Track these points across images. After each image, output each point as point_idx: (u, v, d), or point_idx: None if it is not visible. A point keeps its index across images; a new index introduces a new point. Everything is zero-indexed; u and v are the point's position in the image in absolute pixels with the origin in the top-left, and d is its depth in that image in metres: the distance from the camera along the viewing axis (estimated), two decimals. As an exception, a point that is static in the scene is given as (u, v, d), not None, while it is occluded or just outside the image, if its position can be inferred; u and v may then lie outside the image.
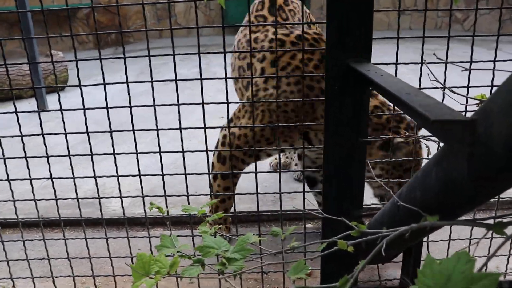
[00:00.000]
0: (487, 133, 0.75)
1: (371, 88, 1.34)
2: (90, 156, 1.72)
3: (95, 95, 2.52)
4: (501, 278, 1.88)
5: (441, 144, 1.11)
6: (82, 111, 1.66)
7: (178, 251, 1.23)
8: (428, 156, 1.77)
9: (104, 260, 2.11)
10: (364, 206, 1.66)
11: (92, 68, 4.99)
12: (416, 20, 9.90)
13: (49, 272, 1.92)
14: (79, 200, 1.83)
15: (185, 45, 6.47)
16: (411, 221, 0.99)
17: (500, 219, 0.87)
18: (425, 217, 0.97)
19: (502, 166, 0.75)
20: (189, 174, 1.71)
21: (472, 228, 2.06)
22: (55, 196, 1.82)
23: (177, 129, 1.65)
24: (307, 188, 2.52)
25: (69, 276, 1.92)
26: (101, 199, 1.84)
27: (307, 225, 2.52)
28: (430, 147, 1.76)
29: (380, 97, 2.14)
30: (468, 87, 1.55)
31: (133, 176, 1.74)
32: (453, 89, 1.45)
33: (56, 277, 1.94)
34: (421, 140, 1.89)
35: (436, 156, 1.01)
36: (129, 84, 1.63)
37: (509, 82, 0.72)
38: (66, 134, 1.69)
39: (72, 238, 1.94)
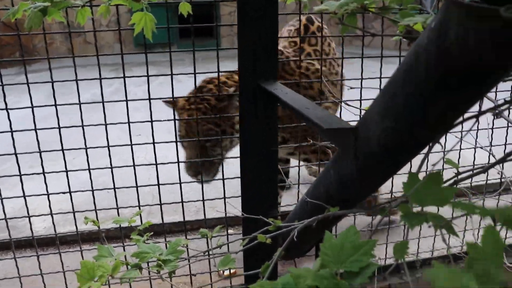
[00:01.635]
0: (366, 136, 0.98)
1: (278, 104, 1.56)
2: (1, 181, 1.76)
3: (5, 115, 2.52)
4: (414, 257, 2.16)
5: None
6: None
7: (115, 259, 1.35)
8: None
9: (32, 280, 2.14)
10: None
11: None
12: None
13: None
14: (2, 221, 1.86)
15: (96, 63, 6.40)
16: (318, 214, 1.20)
17: (383, 205, 1.11)
18: (328, 209, 1.18)
19: (379, 160, 0.98)
20: (118, 188, 1.83)
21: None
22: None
23: (104, 147, 1.76)
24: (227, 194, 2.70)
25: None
26: (21, 222, 1.89)
27: (230, 231, 2.70)
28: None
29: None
30: (360, 100, 1.82)
31: (64, 193, 1.82)
32: (348, 102, 1.71)
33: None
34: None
35: (333, 158, 1.24)
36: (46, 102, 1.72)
37: (379, 97, 0.95)
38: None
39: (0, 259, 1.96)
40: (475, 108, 0.85)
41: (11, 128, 1.72)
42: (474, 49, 0.58)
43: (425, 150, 0.96)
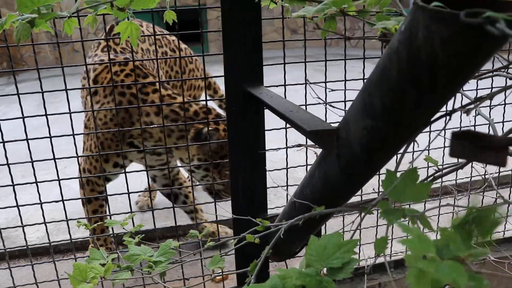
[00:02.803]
0: (347, 136, 1.01)
1: (264, 107, 1.59)
2: None
3: None
4: (388, 259, 2.20)
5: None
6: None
7: (108, 261, 1.37)
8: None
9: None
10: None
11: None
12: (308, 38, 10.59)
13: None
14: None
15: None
16: (305, 213, 1.23)
17: (368, 203, 1.14)
18: (314, 208, 1.22)
19: (360, 159, 1.02)
20: (110, 195, 1.85)
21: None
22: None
23: (96, 154, 1.78)
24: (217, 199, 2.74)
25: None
26: (14, 232, 1.91)
27: (221, 235, 2.72)
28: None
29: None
30: (345, 101, 1.86)
31: (56, 201, 1.83)
32: (333, 103, 1.74)
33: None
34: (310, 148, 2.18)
35: (318, 159, 1.27)
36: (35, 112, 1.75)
37: (357, 98, 0.98)
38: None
39: (-6, 269, 1.97)
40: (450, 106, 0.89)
41: (2, 139, 1.73)
42: (440, 51, 0.62)
43: (409, 148, 1.00)
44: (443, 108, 0.84)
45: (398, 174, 0.83)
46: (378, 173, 1.19)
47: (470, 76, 0.68)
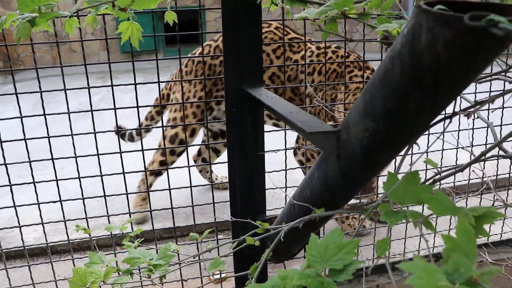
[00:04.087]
0: (348, 138, 1.01)
1: (264, 109, 1.59)
2: None
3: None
4: (401, 257, 2.20)
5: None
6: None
7: (107, 265, 1.37)
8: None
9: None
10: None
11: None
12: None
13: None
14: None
15: (83, 72, 6.41)
16: (305, 216, 1.23)
17: (369, 205, 1.14)
18: (314, 210, 1.22)
19: (361, 161, 1.02)
20: (108, 196, 1.85)
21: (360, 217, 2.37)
22: (-29, 230, 1.85)
23: (94, 155, 1.78)
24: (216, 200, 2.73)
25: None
26: (10, 233, 1.90)
27: (219, 236, 2.72)
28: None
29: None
30: (344, 103, 1.86)
31: (54, 202, 1.83)
32: (333, 105, 1.74)
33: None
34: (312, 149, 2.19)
35: (317, 161, 1.27)
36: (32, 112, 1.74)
37: (359, 100, 0.98)
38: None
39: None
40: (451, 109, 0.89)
41: (0, 139, 1.73)
42: (443, 53, 0.62)
43: (409, 151, 1.00)
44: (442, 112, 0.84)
45: (399, 176, 0.83)
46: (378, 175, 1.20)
47: (473, 79, 0.68)
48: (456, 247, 0.61)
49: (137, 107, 1.80)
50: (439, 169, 1.16)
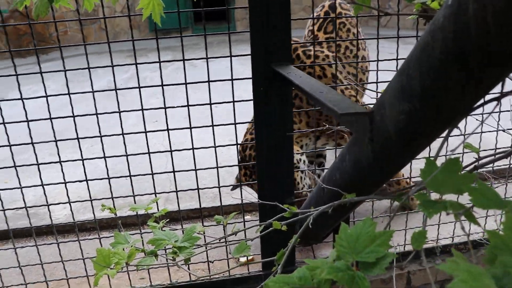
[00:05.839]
0: (382, 120, 0.95)
1: (292, 88, 1.52)
2: (22, 170, 1.79)
3: (26, 105, 2.53)
4: (434, 244, 2.12)
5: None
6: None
7: (131, 246, 1.35)
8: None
9: (54, 266, 2.17)
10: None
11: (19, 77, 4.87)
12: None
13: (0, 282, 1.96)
14: (19, 211, 1.88)
15: (112, 50, 6.45)
16: (334, 200, 1.17)
17: (401, 192, 1.08)
18: (344, 195, 1.16)
19: (396, 144, 0.95)
20: (134, 176, 1.83)
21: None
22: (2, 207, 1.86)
23: (119, 134, 1.76)
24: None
25: (21, 284, 1.97)
26: (43, 209, 1.91)
27: (246, 217, 2.69)
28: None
29: None
30: (377, 82, 1.77)
31: (80, 181, 1.82)
32: (365, 85, 1.67)
33: (7, 287, 1.98)
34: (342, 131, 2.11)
35: (349, 143, 1.21)
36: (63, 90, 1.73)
37: (393, 80, 0.91)
38: None
39: (22, 247, 1.99)
40: (497, 89, 0.81)
41: (26, 118, 1.73)
42: (492, 25, 0.55)
43: (444, 134, 0.93)
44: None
45: (438, 163, 0.77)
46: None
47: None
48: (502, 245, 0.55)
49: (162, 85, 1.76)
50: (480, 155, 1.08)
